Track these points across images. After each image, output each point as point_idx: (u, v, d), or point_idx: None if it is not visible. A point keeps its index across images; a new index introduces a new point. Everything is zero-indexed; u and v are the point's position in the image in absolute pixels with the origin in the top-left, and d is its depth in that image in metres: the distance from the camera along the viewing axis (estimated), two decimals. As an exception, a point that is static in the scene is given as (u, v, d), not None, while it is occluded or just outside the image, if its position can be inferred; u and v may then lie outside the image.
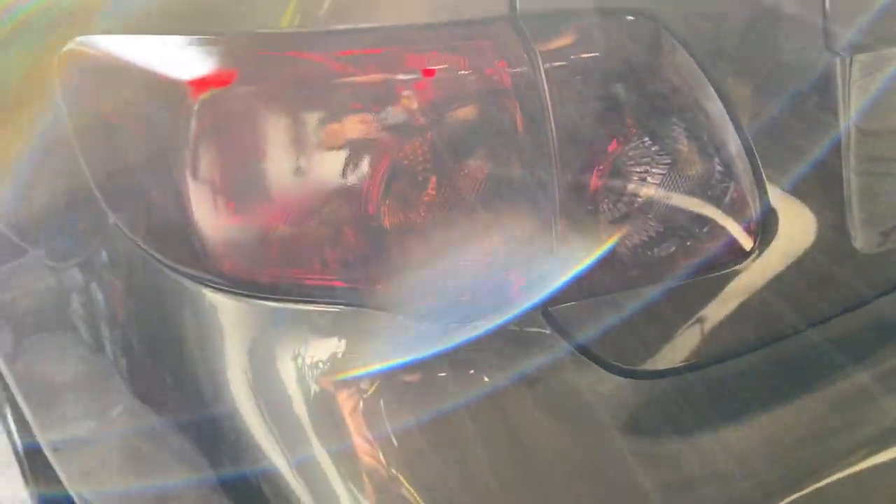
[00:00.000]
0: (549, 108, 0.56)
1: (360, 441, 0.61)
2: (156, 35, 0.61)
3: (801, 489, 0.69)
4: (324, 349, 0.62)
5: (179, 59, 0.58)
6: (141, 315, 0.70)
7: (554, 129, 0.57)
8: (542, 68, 0.56)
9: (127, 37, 0.62)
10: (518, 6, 0.56)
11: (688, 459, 0.66)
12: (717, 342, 0.71)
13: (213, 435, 0.66)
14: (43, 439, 1.04)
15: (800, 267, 0.73)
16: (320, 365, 0.61)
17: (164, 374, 0.70)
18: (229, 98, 0.57)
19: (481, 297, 0.61)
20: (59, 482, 1.04)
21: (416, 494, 0.60)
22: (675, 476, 0.66)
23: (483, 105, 0.56)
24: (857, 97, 0.69)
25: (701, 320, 0.71)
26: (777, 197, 0.69)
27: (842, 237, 0.74)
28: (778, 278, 0.72)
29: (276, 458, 0.61)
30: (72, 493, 1.01)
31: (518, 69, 0.56)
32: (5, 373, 1.08)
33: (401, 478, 0.60)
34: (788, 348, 0.74)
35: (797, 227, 0.72)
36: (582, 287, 0.63)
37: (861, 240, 0.73)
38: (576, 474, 0.64)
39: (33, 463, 1.35)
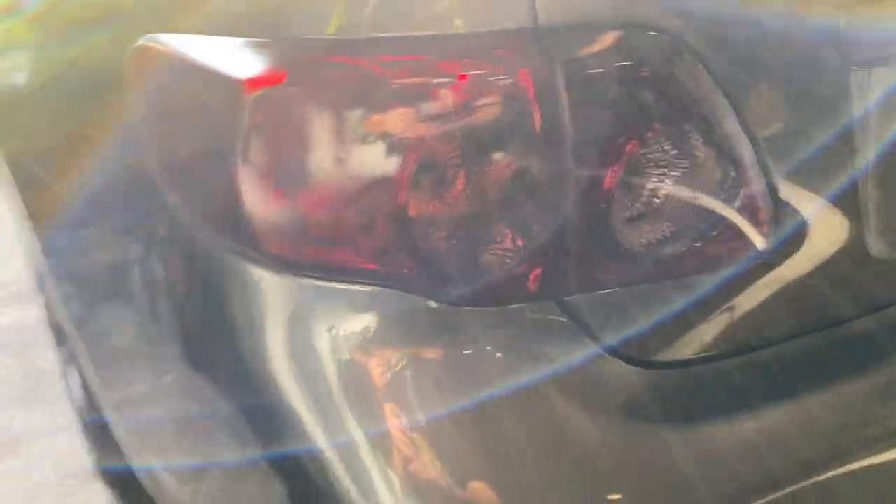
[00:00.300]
0: (567, 112, 0.61)
1: (387, 410, 0.67)
2: (218, 36, 0.67)
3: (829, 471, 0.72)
4: (358, 324, 0.67)
5: (237, 59, 0.64)
6: (193, 288, 0.77)
7: (570, 133, 0.61)
8: (560, 76, 0.61)
9: (192, 36, 0.69)
10: (539, 19, 0.61)
11: (723, 439, 0.70)
12: (737, 336, 0.75)
13: (255, 404, 0.72)
14: (104, 401, 1.12)
15: (820, 270, 0.76)
16: (353, 338, 0.67)
17: (213, 345, 0.76)
18: (279, 96, 0.63)
19: (500, 285, 0.66)
20: (116, 444, 1.12)
21: (440, 466, 0.66)
22: (711, 454, 0.69)
23: (506, 109, 0.61)
24: (876, 111, 0.72)
25: (719, 314, 0.74)
26: (801, 203, 0.72)
27: (859, 244, 0.77)
28: (799, 280, 0.75)
29: (311, 427, 0.67)
30: (126, 454, 1.09)
31: (538, 77, 0.61)
32: (74, 337, 1.17)
33: (424, 449, 0.66)
34: (809, 344, 0.77)
35: (818, 232, 0.75)
36: (596, 280, 0.67)
37: (877, 247, 0.76)
38: (607, 462, 0.68)
39: (94, 426, 1.45)
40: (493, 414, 0.67)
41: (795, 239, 0.74)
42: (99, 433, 1.40)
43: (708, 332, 0.75)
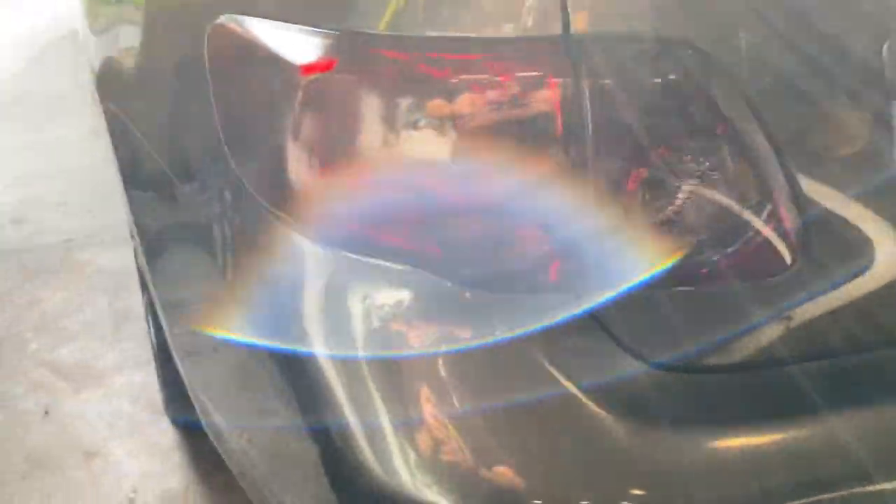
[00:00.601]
0: (589, 118, 0.64)
1: (413, 386, 0.71)
2: (285, 21, 0.73)
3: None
4: (390, 297, 0.72)
5: (297, 45, 0.69)
6: (250, 249, 0.84)
7: (591, 137, 0.64)
8: (585, 83, 0.63)
9: (262, 20, 0.74)
10: (571, 28, 0.63)
11: (732, 450, 0.72)
12: (759, 348, 0.76)
13: (293, 364, 0.78)
14: (174, 347, 1.22)
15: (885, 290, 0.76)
16: (385, 308, 0.72)
17: (263, 303, 0.83)
18: (328, 81, 0.68)
19: (520, 276, 0.69)
20: (183, 387, 1.22)
21: (463, 447, 0.70)
22: (722, 464, 0.72)
23: (531, 111, 0.65)
24: None
25: (742, 325, 0.76)
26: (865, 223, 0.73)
27: None
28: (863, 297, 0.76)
29: (338, 394, 0.73)
30: (191, 394, 1.17)
31: (564, 83, 0.63)
32: (151, 284, 1.27)
33: (449, 428, 0.70)
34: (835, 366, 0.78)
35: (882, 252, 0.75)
36: (615, 280, 0.70)
37: None
38: (632, 461, 0.71)
39: (166, 368, 1.56)
40: (520, 401, 0.71)
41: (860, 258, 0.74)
42: (169, 375, 1.51)
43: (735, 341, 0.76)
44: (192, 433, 1.63)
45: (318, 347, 0.72)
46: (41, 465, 1.64)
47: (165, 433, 1.71)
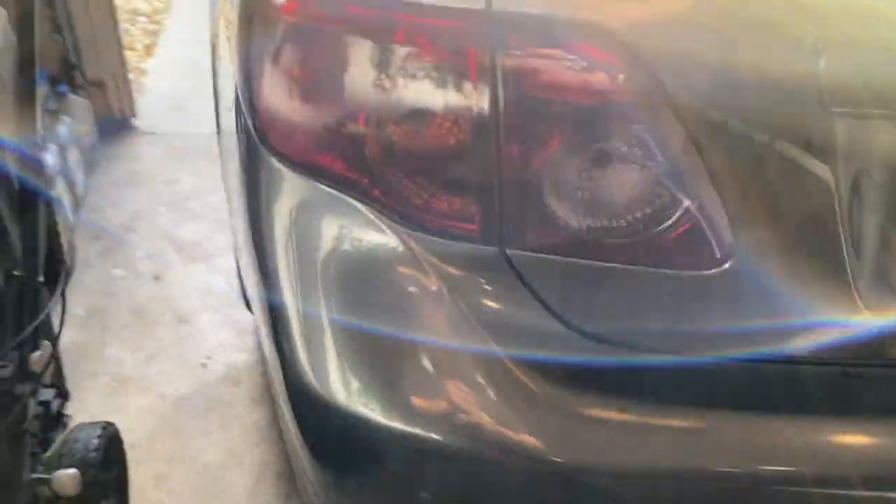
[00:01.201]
0: (501, 92, 0.69)
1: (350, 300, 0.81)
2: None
3: None
4: (357, 227, 0.82)
5: None
6: (249, 170, 0.96)
7: (503, 113, 0.70)
8: (500, 60, 0.69)
9: None
10: (493, 4, 0.68)
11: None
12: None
13: (264, 264, 0.90)
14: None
15: None
16: (353, 230, 0.81)
17: (250, 224, 0.95)
18: (302, 20, 0.78)
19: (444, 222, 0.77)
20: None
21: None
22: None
23: (451, 80, 0.71)
24: (851, 155, 0.70)
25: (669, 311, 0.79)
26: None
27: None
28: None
29: (287, 292, 0.84)
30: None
31: (481, 57, 0.69)
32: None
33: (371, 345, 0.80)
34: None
35: None
36: (530, 240, 0.76)
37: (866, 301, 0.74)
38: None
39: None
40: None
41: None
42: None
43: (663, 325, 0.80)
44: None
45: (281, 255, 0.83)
46: (140, 319, 1.92)
47: (247, 315, 1.93)
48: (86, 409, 1.65)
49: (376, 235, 0.80)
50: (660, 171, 0.73)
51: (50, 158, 2.08)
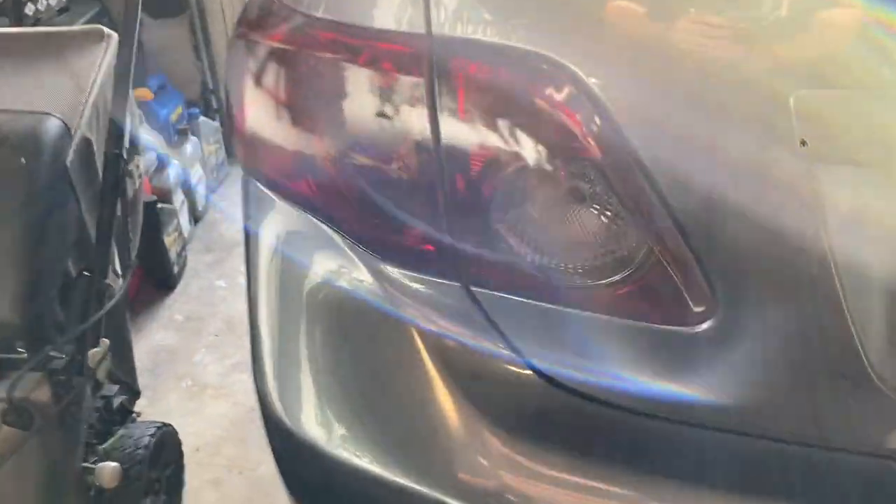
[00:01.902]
0: (439, 116, 0.68)
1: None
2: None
3: None
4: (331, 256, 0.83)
5: (272, 19, 0.82)
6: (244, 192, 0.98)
7: (442, 136, 0.68)
8: (436, 84, 0.67)
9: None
10: (434, 30, 0.68)
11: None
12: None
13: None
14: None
15: None
16: (326, 257, 0.83)
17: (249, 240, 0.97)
18: (274, 50, 0.79)
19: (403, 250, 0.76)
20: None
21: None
22: None
23: (399, 103, 0.70)
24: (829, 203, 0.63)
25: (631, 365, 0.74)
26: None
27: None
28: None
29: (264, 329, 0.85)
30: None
31: (420, 79, 0.68)
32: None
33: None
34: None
35: None
36: (480, 275, 0.73)
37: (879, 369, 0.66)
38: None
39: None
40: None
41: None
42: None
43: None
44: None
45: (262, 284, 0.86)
46: (231, 329, 2.02)
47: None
48: (164, 408, 1.75)
49: (347, 264, 0.80)
50: (616, 213, 0.68)
51: (172, 173, 2.25)
